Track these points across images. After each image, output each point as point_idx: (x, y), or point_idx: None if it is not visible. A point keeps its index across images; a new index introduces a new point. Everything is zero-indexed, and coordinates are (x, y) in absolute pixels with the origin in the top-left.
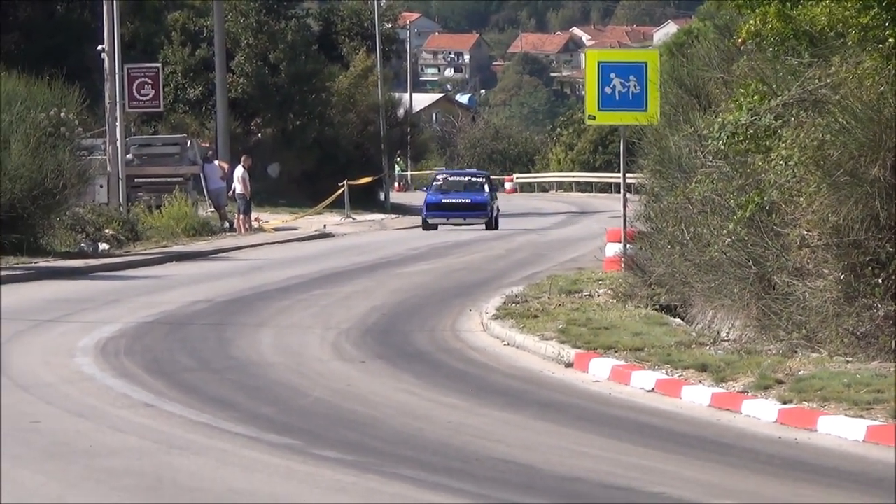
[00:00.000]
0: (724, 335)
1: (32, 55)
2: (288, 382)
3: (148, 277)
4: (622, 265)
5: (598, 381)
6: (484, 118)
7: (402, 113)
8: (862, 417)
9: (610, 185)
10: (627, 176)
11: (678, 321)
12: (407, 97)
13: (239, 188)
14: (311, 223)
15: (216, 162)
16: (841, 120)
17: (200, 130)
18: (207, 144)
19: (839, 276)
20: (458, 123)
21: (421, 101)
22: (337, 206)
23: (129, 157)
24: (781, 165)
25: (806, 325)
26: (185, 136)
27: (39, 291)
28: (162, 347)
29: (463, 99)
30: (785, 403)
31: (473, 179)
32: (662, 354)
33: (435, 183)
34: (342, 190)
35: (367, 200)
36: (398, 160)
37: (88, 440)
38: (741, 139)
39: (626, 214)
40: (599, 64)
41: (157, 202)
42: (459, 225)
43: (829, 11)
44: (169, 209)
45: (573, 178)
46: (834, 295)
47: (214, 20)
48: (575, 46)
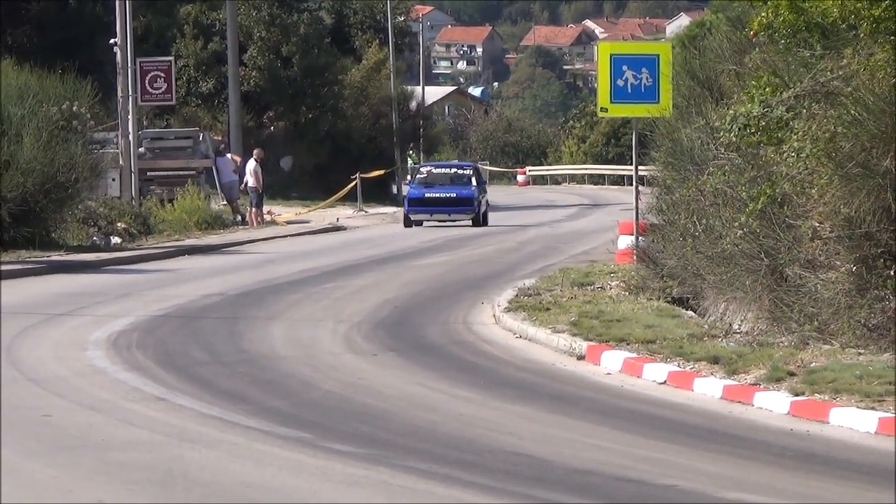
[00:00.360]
0: (735, 327)
1: (45, 48)
2: (299, 375)
3: (160, 271)
4: (634, 258)
5: (609, 373)
6: (496, 111)
7: (414, 106)
8: (874, 409)
9: (622, 177)
10: (640, 168)
11: (690, 313)
12: (419, 90)
13: (251, 181)
14: (323, 216)
15: (228, 155)
16: (853, 112)
17: (213, 124)
18: (220, 138)
19: (851, 267)
20: (470, 116)
21: (433, 93)
22: (349, 199)
23: (141, 150)
24: (793, 157)
25: (818, 317)
26: (197, 129)
27: (51, 285)
28: (174, 341)
29: (476, 92)
30: (797, 395)
31: (459, 172)
32: (674, 347)
33: (418, 176)
34: (354, 183)
35: (379, 193)
36: (411, 153)
37: (100, 433)
38: (753, 131)
39: (638, 207)
40: (612, 56)
41: (169, 196)
42: (444, 221)
43: (840, 3)
44: (181, 203)
45: (585, 170)
46: (846, 287)
47: (227, 13)
48: (587, 39)
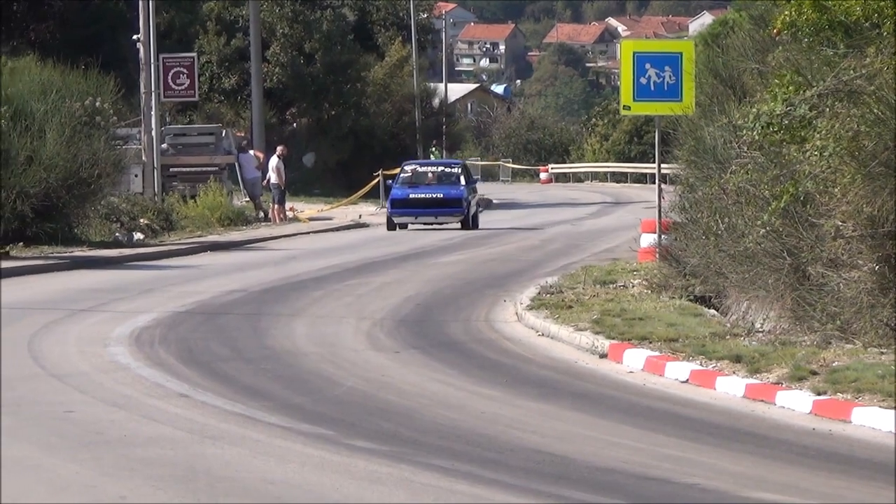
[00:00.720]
0: (758, 326)
1: (68, 44)
2: (322, 372)
3: (182, 267)
4: (657, 256)
5: (632, 371)
6: (519, 108)
7: (437, 103)
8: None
9: (645, 175)
10: (662, 166)
11: (712, 312)
12: (442, 87)
13: (274, 178)
14: (346, 213)
15: (251, 152)
16: (876, 111)
17: (236, 120)
18: (242, 134)
19: (874, 266)
20: (493, 113)
21: (456, 91)
22: (372, 195)
23: (164, 146)
24: (816, 156)
25: (840, 316)
26: (220, 125)
27: (74, 281)
28: (196, 337)
29: (498, 89)
30: (819, 395)
31: (447, 170)
32: (697, 345)
33: (402, 175)
34: (377, 180)
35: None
36: (433, 150)
37: (122, 430)
38: (776, 130)
39: (660, 205)
40: (635, 54)
41: (191, 192)
42: (430, 224)
43: (864, 2)
44: (204, 199)
45: (608, 168)
46: (868, 286)
47: (250, 10)
48: (610, 37)
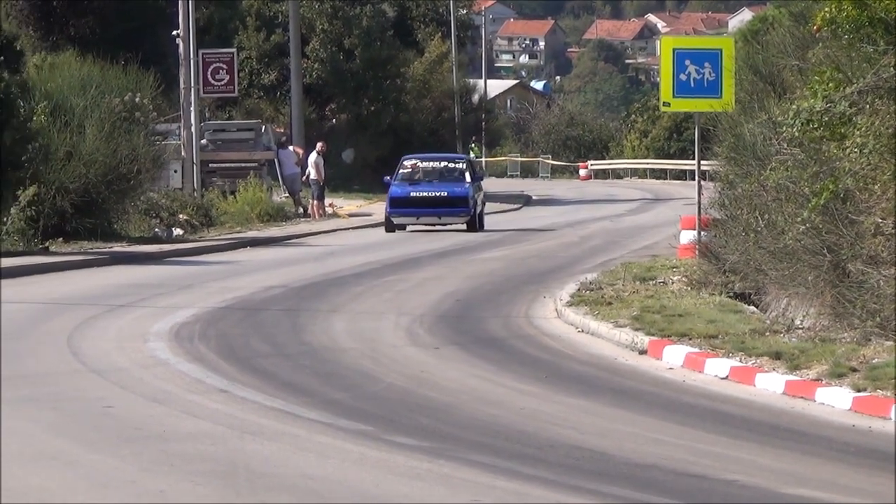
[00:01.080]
0: (797, 323)
1: (107, 40)
2: (361, 368)
3: (222, 263)
4: (696, 252)
5: (671, 368)
6: (559, 104)
7: (476, 99)
8: None
9: (684, 172)
10: (702, 163)
11: (752, 309)
12: (482, 83)
13: (313, 174)
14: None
15: (291, 147)
16: None
17: (275, 116)
18: (282, 130)
19: None
20: (532, 110)
21: (495, 87)
22: None
23: (203, 142)
24: (856, 153)
25: (880, 313)
26: (259, 121)
27: (113, 276)
28: (236, 332)
29: (538, 85)
30: (859, 391)
31: (451, 165)
32: (736, 342)
33: (401, 170)
34: None
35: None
36: (473, 146)
37: (162, 425)
38: (816, 126)
39: (700, 202)
40: (674, 51)
41: (231, 187)
42: (433, 225)
43: None
44: (243, 195)
45: (647, 164)
46: None
47: (289, 6)
48: (650, 33)
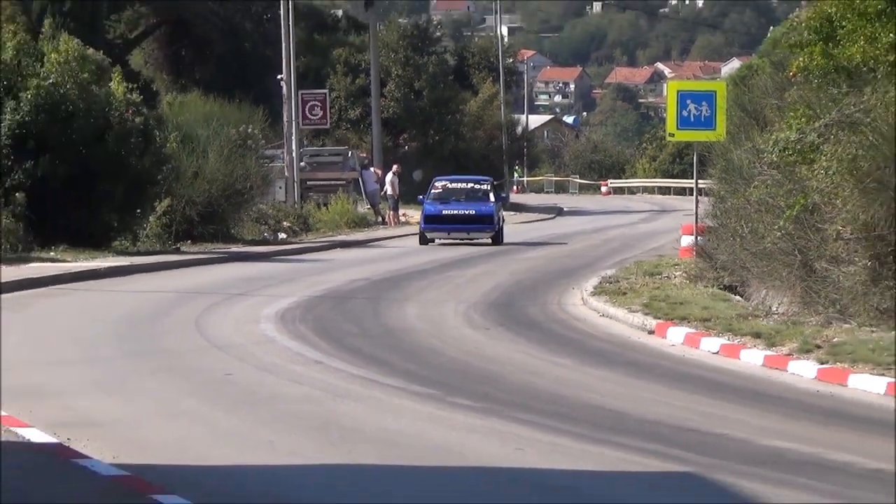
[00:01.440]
0: (774, 309)
1: (225, 83)
2: (428, 344)
3: (317, 261)
4: (694, 253)
5: (673, 345)
6: (585, 135)
7: (519, 131)
8: (884, 375)
9: (685, 189)
10: (699, 182)
11: (738, 298)
12: (524, 118)
13: (390, 190)
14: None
15: (372, 169)
16: (871, 138)
17: (359, 143)
18: (364, 154)
19: (867, 263)
20: (564, 139)
21: (535, 121)
22: None
23: (302, 164)
24: (822, 174)
25: (839, 301)
26: (346, 147)
27: (231, 271)
28: (328, 316)
29: (568, 120)
30: (822, 364)
31: (476, 186)
32: (725, 324)
33: (433, 191)
34: None
35: (500, 197)
36: (517, 168)
37: (271, 390)
38: (790, 153)
39: (697, 213)
40: (678, 92)
41: (324, 200)
42: (462, 239)
43: (863, 51)
44: (334, 206)
45: (655, 183)
46: (862, 278)
47: (371, 55)
48: (658, 78)
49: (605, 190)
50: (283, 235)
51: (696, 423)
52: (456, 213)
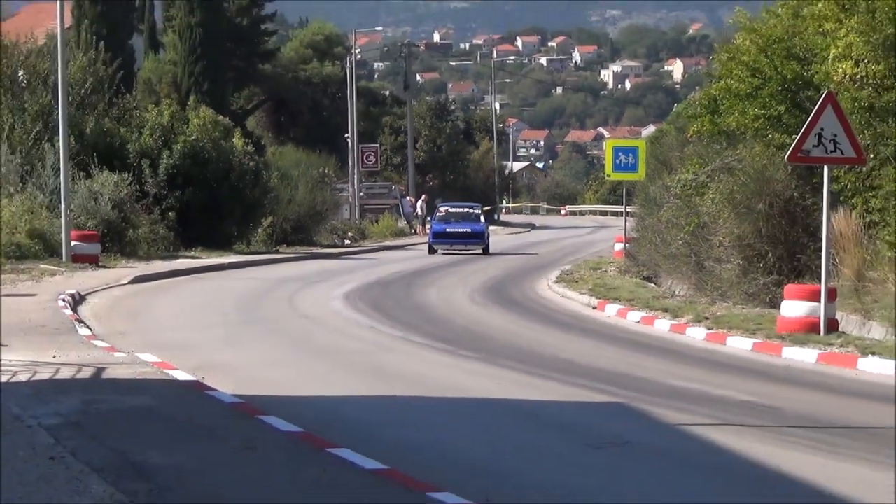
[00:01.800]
0: (676, 293)
1: (310, 139)
2: (444, 316)
3: (369, 259)
4: (623, 255)
5: (609, 317)
6: (551, 176)
7: (507, 173)
8: (750, 337)
9: (617, 212)
10: (627, 207)
11: (653, 286)
12: (509, 164)
13: (419, 212)
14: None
15: (407, 197)
16: (742, 179)
17: (399, 180)
18: (403, 188)
19: (739, 262)
20: (536, 178)
21: (517, 166)
22: None
23: (360, 194)
24: (709, 202)
25: (721, 288)
26: (390, 183)
27: (312, 265)
28: (377, 296)
29: (539, 165)
30: (709, 330)
31: (470, 211)
32: (644, 302)
33: (438, 213)
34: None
35: (489, 219)
36: (505, 197)
37: (338, 345)
38: (688, 188)
39: (626, 228)
40: (613, 147)
41: (375, 218)
42: (460, 250)
43: (736, 120)
44: (382, 222)
45: (597, 208)
46: (736, 272)
47: (408, 122)
48: (600, 137)
49: (563, 212)
50: (347, 242)
51: (623, 368)
52: (456, 230)
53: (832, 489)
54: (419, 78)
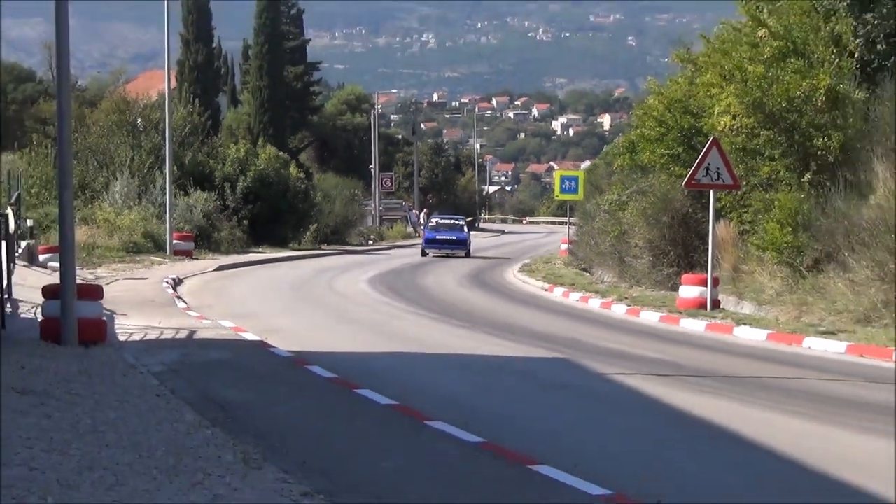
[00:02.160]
0: (605, 280)
1: (342, 168)
2: (439, 295)
3: (386, 255)
4: (567, 253)
5: (557, 297)
6: (516, 196)
7: (484, 194)
8: (657, 312)
9: (564, 222)
10: (570, 218)
11: (588, 274)
12: (486, 187)
13: (422, 221)
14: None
15: (413, 210)
16: (652, 199)
17: (408, 198)
18: (410, 204)
19: (649, 258)
20: (505, 197)
21: (492, 189)
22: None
23: (380, 208)
24: (629, 216)
25: (636, 277)
26: (401, 200)
27: (346, 259)
28: (392, 281)
29: (508, 188)
30: (628, 306)
31: (456, 222)
32: (581, 286)
33: (429, 223)
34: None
35: (471, 227)
36: (483, 211)
37: (362, 315)
38: (614, 206)
39: (569, 234)
40: (561, 176)
41: (390, 225)
42: (448, 254)
43: (649, 158)
44: (395, 228)
45: (550, 219)
46: (647, 266)
47: (414, 157)
48: (552, 168)
49: (525, 222)
50: (370, 242)
51: (567, 334)
52: (445, 238)
53: (713, 419)
54: (423, 126)
